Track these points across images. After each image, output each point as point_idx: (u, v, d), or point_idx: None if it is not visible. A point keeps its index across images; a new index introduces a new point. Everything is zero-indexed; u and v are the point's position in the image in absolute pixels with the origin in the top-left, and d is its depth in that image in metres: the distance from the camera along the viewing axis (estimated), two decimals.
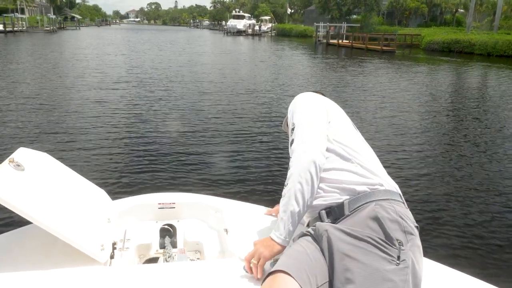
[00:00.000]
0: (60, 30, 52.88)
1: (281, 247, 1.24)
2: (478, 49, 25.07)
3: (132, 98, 8.88)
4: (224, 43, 36.00)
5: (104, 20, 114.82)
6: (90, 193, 1.76)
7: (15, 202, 1.26)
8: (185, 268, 1.39)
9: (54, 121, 6.72)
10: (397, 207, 1.18)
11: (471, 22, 33.65)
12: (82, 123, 6.61)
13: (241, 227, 1.63)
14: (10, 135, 5.84)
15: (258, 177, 4.56)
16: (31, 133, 5.99)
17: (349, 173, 1.26)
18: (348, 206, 1.21)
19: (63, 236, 1.32)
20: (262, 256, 1.24)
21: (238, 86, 11.27)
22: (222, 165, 4.87)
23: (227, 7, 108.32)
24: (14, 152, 1.51)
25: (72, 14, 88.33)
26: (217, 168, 4.76)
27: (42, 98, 8.64)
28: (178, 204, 1.89)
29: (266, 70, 15.33)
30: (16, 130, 6.10)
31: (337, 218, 1.22)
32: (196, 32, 67.02)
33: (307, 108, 1.40)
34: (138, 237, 1.70)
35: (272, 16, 70.96)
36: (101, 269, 1.35)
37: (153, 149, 5.38)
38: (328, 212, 1.25)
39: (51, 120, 6.78)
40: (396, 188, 1.28)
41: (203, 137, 6.06)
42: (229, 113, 7.81)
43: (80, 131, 6.12)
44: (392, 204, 1.18)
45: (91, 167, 4.65)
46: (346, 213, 1.20)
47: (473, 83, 14.03)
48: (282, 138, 6.20)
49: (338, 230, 1.14)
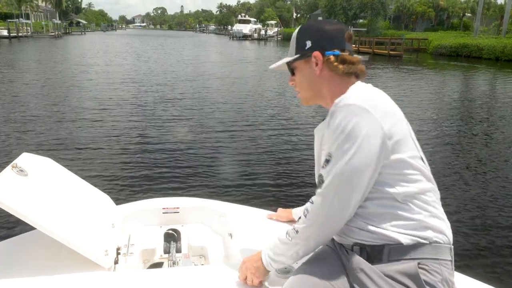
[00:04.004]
0: (65, 35, 53.38)
1: (268, 271, 1.23)
2: (486, 54, 24.87)
3: (136, 104, 8.92)
4: (230, 48, 36.12)
5: (110, 25, 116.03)
6: (93, 198, 1.75)
7: (18, 208, 1.26)
8: (189, 272, 1.39)
9: (57, 126, 6.76)
10: (445, 272, 1.04)
11: (479, 26, 33.44)
12: (86, 129, 6.65)
13: (246, 232, 1.62)
14: (13, 140, 5.88)
15: (262, 181, 4.54)
16: (35, 138, 6.03)
17: (396, 215, 1.05)
18: (388, 253, 1.05)
19: (67, 242, 1.32)
20: (254, 282, 1.24)
21: (242, 91, 11.29)
22: (225, 170, 4.87)
23: (233, 11, 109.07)
24: (17, 158, 1.51)
25: (77, 19, 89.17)
26: (221, 173, 4.76)
27: (46, 103, 8.72)
28: (182, 209, 1.88)
29: (272, 75, 15.35)
30: (19, 135, 6.14)
31: (371, 259, 1.07)
32: (202, 37, 67.36)
33: (360, 150, 1.00)
34: (142, 242, 1.69)
35: (278, 20, 71.18)
36: (106, 274, 1.34)
37: (157, 154, 5.39)
38: (362, 249, 1.09)
39: (54, 125, 6.82)
40: (449, 237, 1.08)
41: (207, 142, 6.06)
42: (232, 118, 7.82)
43: (83, 137, 6.15)
44: (441, 266, 1.04)
45: (95, 172, 4.66)
46: (384, 260, 1.05)
47: (482, 88, 13.90)
48: (286, 143, 6.18)
49: (375, 274, 1.03)
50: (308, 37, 1.16)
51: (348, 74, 1.15)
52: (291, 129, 7.03)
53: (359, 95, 1.07)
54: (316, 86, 1.19)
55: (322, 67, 1.15)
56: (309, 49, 1.15)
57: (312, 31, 1.17)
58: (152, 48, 31.20)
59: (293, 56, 1.20)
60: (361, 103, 1.02)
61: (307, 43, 1.16)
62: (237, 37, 56.95)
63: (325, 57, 1.13)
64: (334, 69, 1.13)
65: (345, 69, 1.13)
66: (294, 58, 1.19)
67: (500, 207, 4.00)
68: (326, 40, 1.14)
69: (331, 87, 1.16)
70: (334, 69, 1.13)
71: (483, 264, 3.02)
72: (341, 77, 1.14)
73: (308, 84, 1.20)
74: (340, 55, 1.13)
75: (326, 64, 1.14)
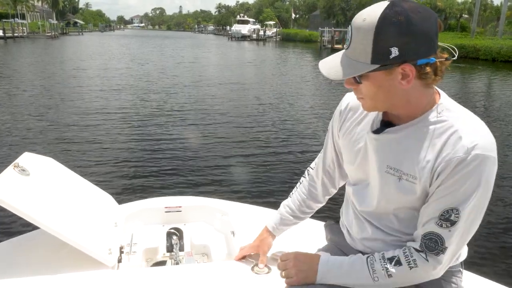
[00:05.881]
0: (62, 36, 52.94)
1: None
2: (483, 55, 24.99)
3: (137, 103, 8.91)
4: (229, 49, 36.14)
5: (107, 26, 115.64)
6: (96, 198, 1.76)
7: (22, 207, 1.26)
8: (192, 270, 1.40)
9: (58, 126, 6.75)
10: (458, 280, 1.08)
11: (475, 28, 33.61)
12: (87, 128, 6.64)
13: (248, 230, 1.63)
14: (14, 140, 5.87)
15: (264, 179, 4.56)
16: (36, 138, 6.02)
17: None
18: None
19: (70, 241, 1.32)
20: (291, 280, 1.08)
21: (243, 90, 11.30)
22: (227, 168, 4.88)
23: (232, 12, 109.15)
24: (19, 157, 1.52)
25: (75, 20, 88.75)
26: (222, 171, 4.77)
27: (46, 103, 8.70)
28: (185, 208, 1.89)
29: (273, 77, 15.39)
30: (20, 135, 6.13)
31: None
32: (201, 38, 67.34)
33: (485, 199, 0.91)
34: (145, 241, 1.69)
35: (277, 21, 71.28)
36: (110, 273, 1.35)
37: (159, 154, 5.39)
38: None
39: (55, 125, 6.81)
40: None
41: (209, 140, 6.06)
42: (234, 116, 7.82)
43: (84, 136, 6.14)
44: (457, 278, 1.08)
45: (97, 171, 4.66)
46: None
47: (479, 89, 13.96)
48: (289, 141, 6.20)
49: None
50: (394, 41, 0.82)
51: None
52: (292, 127, 7.05)
53: (489, 135, 0.88)
54: (395, 98, 0.91)
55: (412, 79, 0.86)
56: (395, 58, 0.83)
57: (400, 33, 0.81)
58: (149, 50, 31.14)
59: (368, 65, 0.85)
60: (495, 153, 0.87)
61: (392, 50, 0.82)
62: (236, 38, 56.95)
63: (419, 68, 0.85)
64: (426, 79, 0.87)
65: (439, 79, 0.89)
66: (372, 69, 0.86)
67: (497, 205, 4.02)
68: (419, 44, 0.83)
69: (414, 97, 0.91)
70: (425, 79, 0.87)
71: (491, 262, 3.03)
72: (426, 86, 0.90)
73: (385, 97, 0.91)
74: (435, 62, 0.86)
75: (418, 75, 0.86)
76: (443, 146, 0.88)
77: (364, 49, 0.85)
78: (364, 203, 1.08)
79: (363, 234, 1.10)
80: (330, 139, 1.21)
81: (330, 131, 1.21)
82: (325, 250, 1.26)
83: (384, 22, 0.81)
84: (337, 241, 1.24)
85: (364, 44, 0.84)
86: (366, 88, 0.91)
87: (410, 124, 0.93)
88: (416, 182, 0.93)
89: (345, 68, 0.88)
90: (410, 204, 0.97)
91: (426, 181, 0.91)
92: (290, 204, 1.35)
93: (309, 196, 1.33)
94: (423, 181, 0.92)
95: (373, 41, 0.83)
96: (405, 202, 0.97)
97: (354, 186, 1.12)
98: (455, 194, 0.88)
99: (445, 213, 0.89)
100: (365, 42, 0.84)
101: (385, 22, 0.81)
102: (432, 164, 0.89)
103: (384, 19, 0.82)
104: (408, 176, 0.94)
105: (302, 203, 1.33)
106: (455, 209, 0.88)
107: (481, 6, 36.20)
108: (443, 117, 0.91)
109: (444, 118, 0.91)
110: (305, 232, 1.54)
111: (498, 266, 2.99)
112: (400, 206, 0.99)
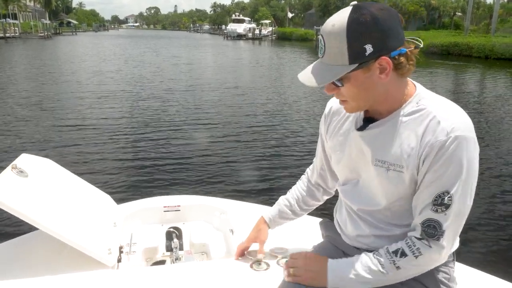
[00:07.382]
0: (55, 36, 52.21)
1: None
2: (476, 52, 25.14)
3: (134, 104, 8.88)
4: (225, 48, 36.08)
5: (102, 25, 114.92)
6: (94, 198, 1.76)
7: (20, 208, 1.27)
8: (192, 268, 1.41)
9: (55, 127, 6.72)
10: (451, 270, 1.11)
11: (469, 25, 33.83)
12: (84, 129, 6.61)
13: (247, 228, 1.63)
14: (11, 142, 5.83)
15: (262, 177, 4.58)
16: (33, 139, 5.98)
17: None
18: None
19: (70, 241, 1.33)
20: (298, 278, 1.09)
21: (240, 89, 11.29)
22: (225, 167, 4.88)
23: (227, 11, 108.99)
24: (16, 159, 1.51)
25: (68, 19, 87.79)
26: (220, 170, 4.77)
27: (43, 104, 8.65)
28: (183, 207, 1.89)
29: (270, 75, 15.41)
30: (17, 137, 6.09)
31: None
32: (196, 37, 67.11)
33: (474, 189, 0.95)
34: (144, 240, 1.70)
35: (273, 20, 71.26)
36: (110, 273, 1.36)
37: (157, 153, 5.39)
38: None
39: (53, 126, 6.77)
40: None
41: (207, 139, 6.07)
42: (232, 115, 7.83)
43: (82, 137, 6.12)
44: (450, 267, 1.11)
45: (95, 172, 4.65)
46: None
47: (472, 86, 14.05)
48: (287, 138, 6.22)
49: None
50: (366, 39, 0.86)
51: None
52: (290, 126, 7.06)
53: (465, 117, 0.93)
54: (376, 94, 0.95)
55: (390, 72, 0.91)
56: (371, 54, 0.87)
57: (370, 30, 0.86)
58: (143, 50, 31.01)
59: (347, 66, 0.89)
60: (474, 134, 0.91)
61: (367, 47, 0.87)
62: (231, 37, 56.83)
63: (393, 60, 0.90)
64: (401, 68, 0.92)
65: (412, 68, 0.94)
66: (352, 69, 0.89)
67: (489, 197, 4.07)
68: (389, 38, 0.88)
69: (393, 90, 0.96)
70: (401, 69, 0.92)
71: (485, 253, 3.06)
72: (401, 77, 0.95)
73: (367, 94, 0.95)
74: (406, 52, 0.91)
75: (394, 66, 0.91)
76: (424, 132, 0.92)
77: (339, 52, 0.89)
78: (355, 200, 1.11)
79: (357, 231, 1.13)
80: (320, 142, 1.27)
81: (320, 135, 1.26)
82: (321, 247, 1.29)
83: (353, 23, 0.86)
84: (333, 238, 1.27)
85: (339, 47, 0.88)
86: (348, 89, 0.94)
87: (391, 117, 0.98)
88: (403, 170, 0.96)
89: (325, 74, 0.92)
90: (400, 195, 1.00)
91: (413, 168, 0.94)
92: (289, 198, 1.39)
93: (308, 194, 1.36)
94: (410, 169, 0.95)
95: (347, 42, 0.87)
96: (397, 194, 1.00)
97: (344, 186, 1.16)
98: (443, 177, 0.91)
99: (438, 198, 0.93)
100: (340, 45, 0.88)
101: (354, 23, 0.86)
102: (416, 151, 0.93)
103: (352, 21, 0.87)
104: (395, 166, 0.97)
105: (300, 199, 1.37)
106: (446, 192, 0.92)
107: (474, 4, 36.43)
108: (421, 105, 0.96)
109: (422, 106, 0.95)
110: (301, 229, 1.55)
111: (489, 257, 3.03)
112: (392, 198, 1.01)
